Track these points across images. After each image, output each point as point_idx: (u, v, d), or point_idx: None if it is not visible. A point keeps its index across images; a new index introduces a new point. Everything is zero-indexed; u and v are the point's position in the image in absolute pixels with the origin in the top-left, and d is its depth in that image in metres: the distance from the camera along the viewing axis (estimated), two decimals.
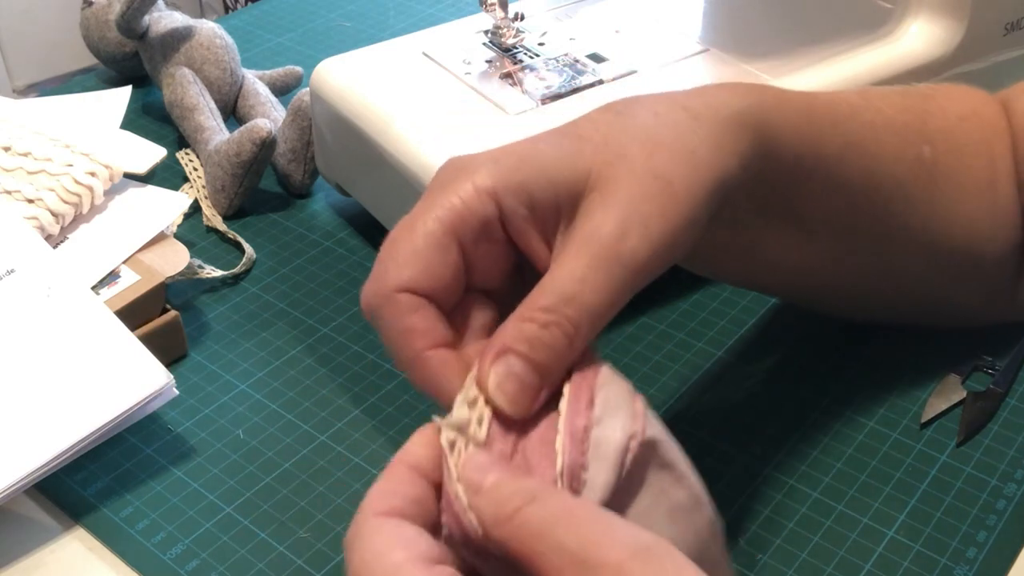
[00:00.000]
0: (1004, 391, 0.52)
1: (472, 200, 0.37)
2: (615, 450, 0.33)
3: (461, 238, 0.37)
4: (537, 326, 0.35)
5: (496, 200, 0.37)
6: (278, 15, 0.92)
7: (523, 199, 0.37)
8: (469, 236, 0.37)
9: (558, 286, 0.35)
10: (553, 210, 0.37)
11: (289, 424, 0.53)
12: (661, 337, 0.57)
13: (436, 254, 0.36)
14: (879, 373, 0.54)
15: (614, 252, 0.36)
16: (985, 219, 0.48)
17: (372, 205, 0.63)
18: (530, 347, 0.35)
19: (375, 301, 0.37)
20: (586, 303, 0.35)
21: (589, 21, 0.68)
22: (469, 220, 0.37)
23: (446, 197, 0.37)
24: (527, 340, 0.35)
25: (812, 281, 0.49)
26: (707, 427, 0.51)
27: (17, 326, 0.51)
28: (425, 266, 0.36)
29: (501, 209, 0.37)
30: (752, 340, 0.57)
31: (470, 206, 0.37)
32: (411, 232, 0.37)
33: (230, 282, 0.62)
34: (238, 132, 0.65)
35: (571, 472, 0.33)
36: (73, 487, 0.49)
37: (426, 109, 0.59)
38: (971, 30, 0.63)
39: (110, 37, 0.77)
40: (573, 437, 0.33)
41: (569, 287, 0.35)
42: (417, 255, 0.36)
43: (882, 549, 0.45)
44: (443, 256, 0.37)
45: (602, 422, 0.34)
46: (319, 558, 0.46)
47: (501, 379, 0.35)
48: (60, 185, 0.58)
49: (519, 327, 0.35)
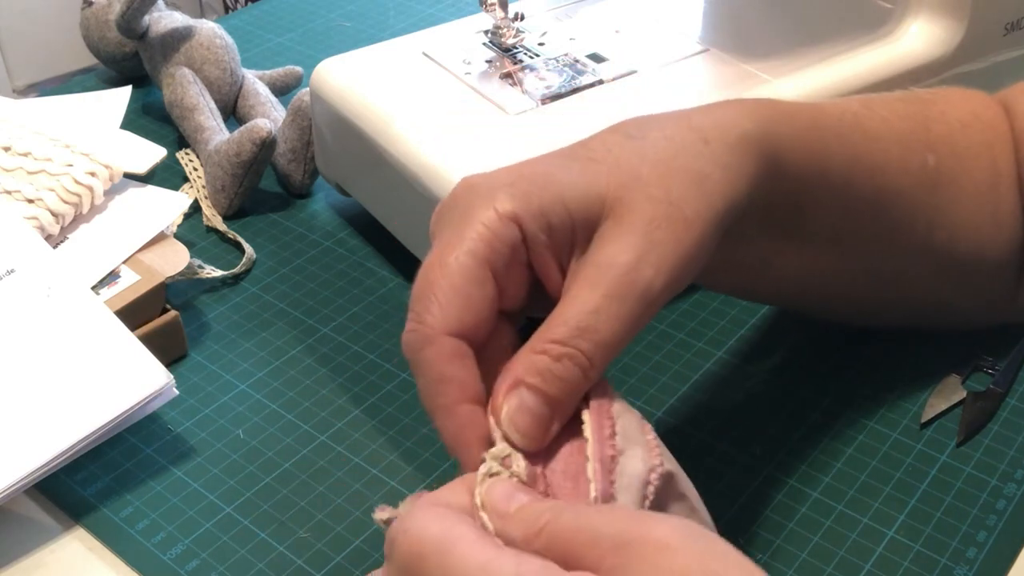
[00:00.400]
0: (1004, 391, 0.52)
1: (497, 227, 0.36)
2: (639, 482, 0.33)
3: (494, 268, 0.37)
4: (550, 359, 0.35)
5: (519, 224, 0.37)
6: (278, 15, 0.92)
7: (542, 225, 0.37)
8: (500, 263, 0.37)
9: (572, 318, 0.35)
10: (568, 235, 0.37)
11: (289, 424, 0.53)
12: (661, 337, 0.57)
13: (475, 289, 0.36)
14: (879, 373, 0.54)
15: (629, 282, 0.36)
16: (987, 223, 0.48)
17: (372, 205, 0.63)
18: (542, 380, 0.35)
19: (418, 343, 0.36)
20: (600, 335, 0.35)
21: (589, 21, 0.68)
22: (498, 248, 0.36)
23: (472, 227, 0.37)
24: (539, 373, 0.35)
25: (815, 291, 0.49)
26: (707, 427, 0.51)
27: (17, 326, 0.51)
28: (467, 304, 0.36)
29: (524, 233, 0.37)
30: (752, 340, 0.57)
31: (497, 233, 0.36)
32: (447, 268, 0.36)
33: (230, 282, 0.62)
34: (238, 132, 0.65)
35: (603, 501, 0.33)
36: (73, 487, 0.49)
37: (426, 109, 0.59)
38: (971, 30, 0.63)
39: (110, 37, 0.77)
40: (603, 465, 0.33)
41: (583, 319, 0.35)
42: (458, 293, 0.36)
43: (882, 549, 0.45)
44: (481, 290, 0.36)
45: (624, 453, 0.34)
46: (319, 558, 0.46)
47: (513, 413, 0.34)
48: (60, 185, 0.58)
49: (531, 359, 0.35)
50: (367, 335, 0.58)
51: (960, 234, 0.48)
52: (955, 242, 0.48)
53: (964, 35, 0.63)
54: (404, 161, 0.56)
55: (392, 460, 0.51)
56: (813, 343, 0.56)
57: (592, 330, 0.35)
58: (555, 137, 0.56)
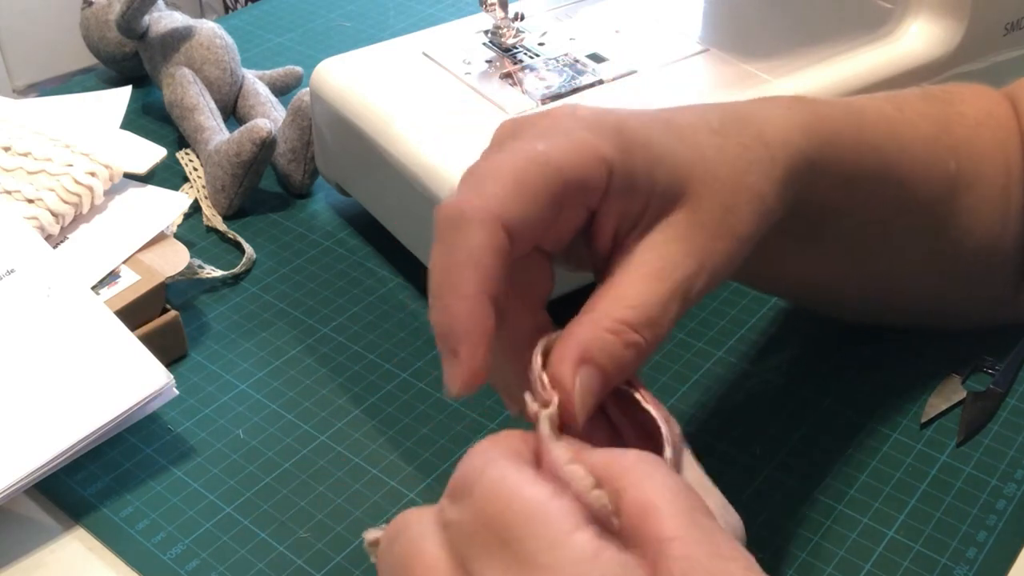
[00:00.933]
0: (1004, 391, 0.52)
1: (593, 164, 0.34)
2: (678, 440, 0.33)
3: (567, 191, 0.34)
4: (621, 343, 0.34)
5: (611, 172, 0.35)
6: (278, 15, 0.92)
7: (627, 184, 0.35)
8: (574, 197, 0.34)
9: (643, 305, 0.34)
10: (641, 206, 0.36)
11: (289, 424, 0.53)
12: None
13: (544, 201, 0.33)
14: (879, 373, 0.54)
15: (687, 288, 0.35)
16: (997, 224, 0.48)
17: (372, 205, 0.63)
18: (611, 362, 0.34)
19: (471, 214, 0.32)
20: (662, 331, 0.35)
21: (589, 21, 0.68)
22: (584, 182, 0.34)
23: (568, 148, 0.34)
24: (610, 356, 0.34)
25: (824, 291, 0.50)
26: (707, 427, 0.51)
27: (17, 326, 0.51)
28: (531, 207, 0.33)
29: (609, 184, 0.35)
30: (752, 340, 0.57)
31: (590, 169, 0.34)
32: (526, 165, 0.33)
33: (230, 282, 0.62)
34: (238, 132, 0.65)
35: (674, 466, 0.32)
36: (73, 487, 0.49)
37: (426, 109, 0.59)
38: (971, 30, 0.63)
39: (110, 37, 0.77)
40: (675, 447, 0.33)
41: (653, 310, 0.34)
42: (526, 192, 0.33)
43: (882, 549, 0.45)
44: (548, 206, 0.33)
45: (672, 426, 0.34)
46: (319, 558, 0.46)
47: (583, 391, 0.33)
48: (60, 185, 0.58)
49: (603, 337, 0.34)
50: (367, 335, 0.58)
51: (972, 236, 0.48)
52: (967, 244, 0.48)
53: (964, 35, 0.63)
54: (404, 161, 0.56)
55: (392, 460, 0.51)
56: (813, 343, 0.56)
57: (657, 324, 0.34)
58: None
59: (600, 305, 0.35)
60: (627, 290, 0.35)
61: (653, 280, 0.35)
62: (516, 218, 0.33)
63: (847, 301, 0.51)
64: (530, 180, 0.33)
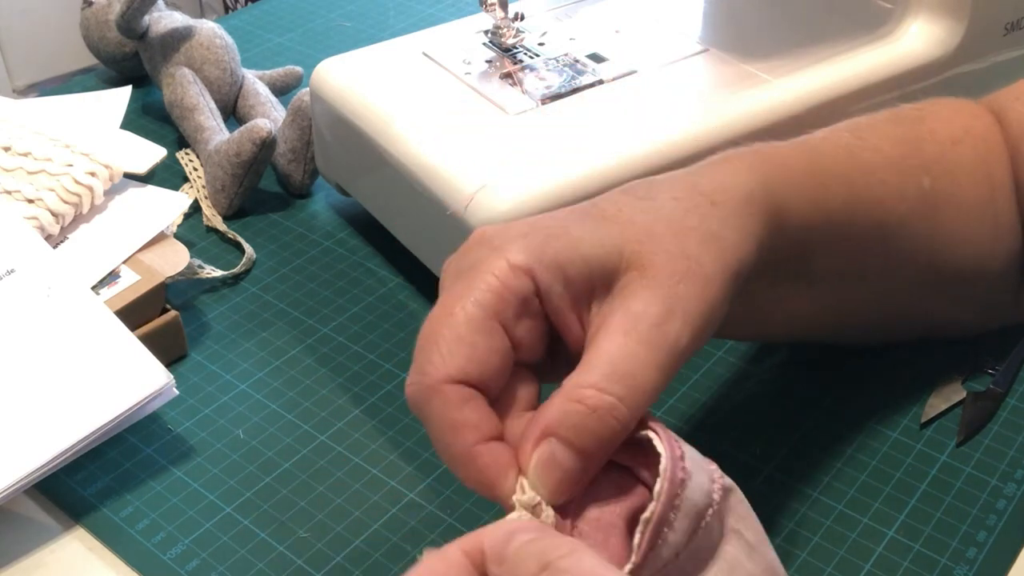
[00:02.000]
0: (1004, 391, 0.52)
1: (508, 278, 0.36)
2: (695, 512, 0.33)
3: (503, 319, 0.35)
4: (585, 409, 0.33)
5: (532, 276, 0.36)
6: (278, 15, 0.92)
7: (557, 275, 0.36)
8: (510, 315, 0.36)
9: (606, 362, 0.34)
10: (586, 286, 0.37)
11: (289, 424, 0.53)
12: None
13: (482, 339, 0.35)
14: (879, 373, 0.54)
15: (661, 334, 0.35)
16: (986, 237, 0.48)
17: (372, 205, 0.63)
18: (576, 433, 0.33)
19: (422, 395, 0.35)
20: (637, 380, 0.34)
21: (589, 21, 0.68)
22: (508, 299, 0.35)
23: (481, 278, 0.36)
24: (573, 426, 0.33)
25: (824, 324, 0.49)
26: (707, 427, 0.51)
27: (17, 326, 0.51)
28: (472, 353, 0.35)
29: (537, 285, 0.36)
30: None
31: (508, 284, 0.36)
32: (452, 318, 0.35)
33: (230, 282, 0.62)
34: (238, 132, 0.65)
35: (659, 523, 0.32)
36: (73, 487, 0.49)
37: (426, 109, 0.59)
38: (971, 30, 0.63)
39: (110, 37, 0.77)
40: (672, 486, 0.32)
41: (619, 364, 0.34)
42: (462, 342, 0.35)
43: (882, 549, 0.45)
44: (489, 340, 0.35)
45: (692, 478, 0.33)
46: (319, 558, 0.46)
47: (542, 466, 0.33)
48: (60, 185, 0.58)
49: (564, 409, 0.34)
50: (367, 335, 0.58)
51: (960, 250, 0.48)
52: (956, 258, 0.48)
53: (964, 35, 0.63)
54: (404, 161, 0.56)
55: (392, 460, 0.51)
56: (813, 344, 0.56)
57: (628, 375, 0.34)
58: (555, 137, 0.56)
59: (567, 382, 0.35)
60: (592, 356, 0.35)
61: (617, 335, 0.35)
62: (463, 370, 0.35)
63: (848, 330, 0.51)
64: (459, 331, 0.35)
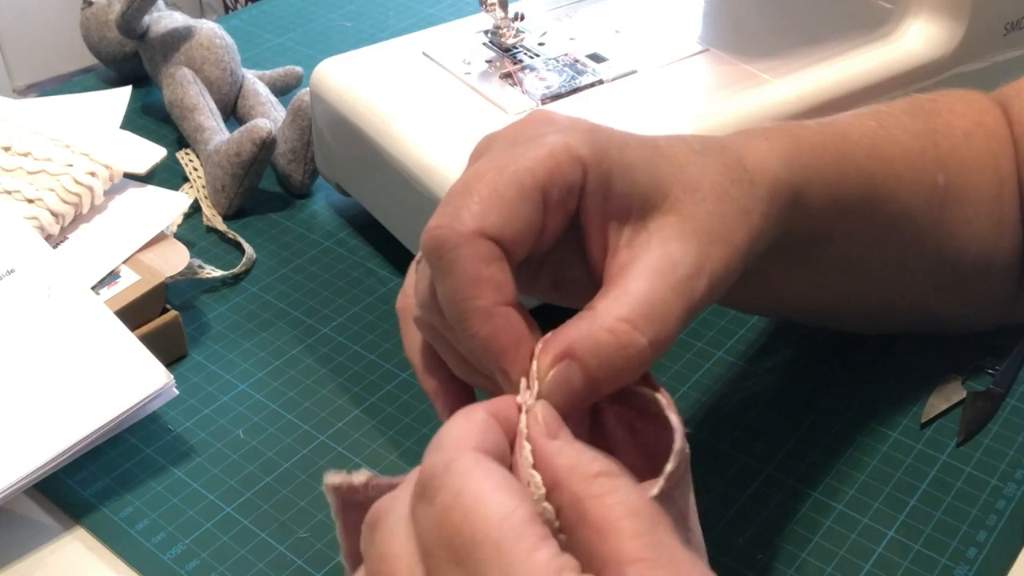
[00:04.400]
0: (1004, 391, 0.52)
1: (566, 163, 0.34)
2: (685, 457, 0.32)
3: (547, 198, 0.34)
4: (616, 342, 0.32)
5: (585, 171, 0.34)
6: (278, 15, 0.92)
7: (606, 183, 0.35)
8: (554, 198, 0.34)
9: (641, 300, 0.33)
10: (624, 207, 0.35)
11: (289, 424, 0.53)
12: None
13: (524, 207, 0.33)
14: (879, 373, 0.54)
15: (691, 287, 0.34)
16: (992, 233, 0.48)
17: (372, 205, 0.63)
18: (598, 362, 0.32)
19: (452, 239, 0.32)
20: (666, 329, 0.33)
21: (589, 21, 0.68)
22: (559, 181, 0.34)
23: (542, 150, 0.34)
24: (598, 355, 0.32)
25: (821, 310, 0.50)
26: (707, 427, 0.51)
27: (17, 326, 0.51)
28: (512, 215, 0.33)
29: (586, 182, 0.34)
30: (752, 340, 0.57)
31: (562, 166, 0.34)
32: (499, 176, 0.33)
33: (230, 282, 0.62)
34: (238, 132, 0.65)
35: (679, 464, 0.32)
36: (73, 487, 0.49)
37: (426, 109, 0.59)
38: (971, 30, 0.63)
39: (110, 37, 0.77)
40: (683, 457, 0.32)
41: (654, 306, 0.33)
42: (504, 202, 0.33)
43: (882, 549, 0.45)
44: (530, 211, 0.33)
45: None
46: (319, 558, 0.46)
47: (555, 385, 0.32)
48: (60, 185, 0.58)
49: (594, 335, 0.32)
50: (367, 335, 0.58)
51: (966, 246, 0.48)
52: (961, 254, 0.48)
53: (964, 35, 0.63)
54: (404, 161, 0.56)
55: (392, 460, 0.51)
56: (813, 343, 0.56)
57: (660, 319, 0.33)
58: None
59: (600, 304, 0.33)
60: (629, 286, 0.34)
61: (655, 275, 0.34)
62: (497, 227, 0.33)
63: (847, 316, 0.51)
64: (503, 189, 0.33)
